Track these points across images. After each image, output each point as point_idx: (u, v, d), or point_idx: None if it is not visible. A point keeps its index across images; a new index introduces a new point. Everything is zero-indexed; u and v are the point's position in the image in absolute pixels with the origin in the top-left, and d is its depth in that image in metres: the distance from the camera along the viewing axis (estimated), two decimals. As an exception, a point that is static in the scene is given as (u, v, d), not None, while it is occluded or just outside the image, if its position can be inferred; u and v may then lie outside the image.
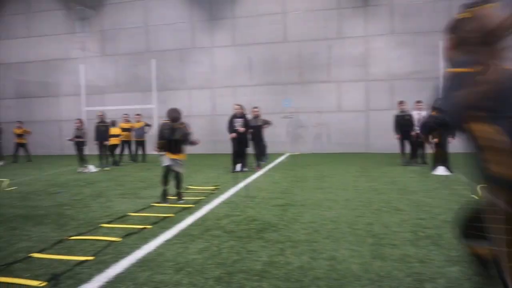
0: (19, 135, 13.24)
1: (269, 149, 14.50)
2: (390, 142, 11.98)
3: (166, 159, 5.41)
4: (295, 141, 15.09)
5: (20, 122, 13.66)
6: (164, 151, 5.42)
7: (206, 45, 15.83)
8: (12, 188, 7.00)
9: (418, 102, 9.79)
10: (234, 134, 8.76)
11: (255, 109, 9.27)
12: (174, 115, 5.28)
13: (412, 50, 13.92)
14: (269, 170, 9.13)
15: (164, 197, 5.34)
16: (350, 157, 11.74)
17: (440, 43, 13.45)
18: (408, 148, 9.79)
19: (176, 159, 5.40)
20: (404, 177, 7.33)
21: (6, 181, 7.40)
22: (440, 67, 13.53)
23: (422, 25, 13.80)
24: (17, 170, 10.63)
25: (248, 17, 15.30)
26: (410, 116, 9.55)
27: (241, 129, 8.71)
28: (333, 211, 4.53)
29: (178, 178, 5.45)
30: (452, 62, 1.73)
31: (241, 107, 8.95)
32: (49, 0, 17.56)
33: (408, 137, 9.60)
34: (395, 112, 10.13)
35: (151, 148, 16.12)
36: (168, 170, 5.43)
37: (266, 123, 9.39)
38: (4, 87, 18.31)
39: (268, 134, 14.13)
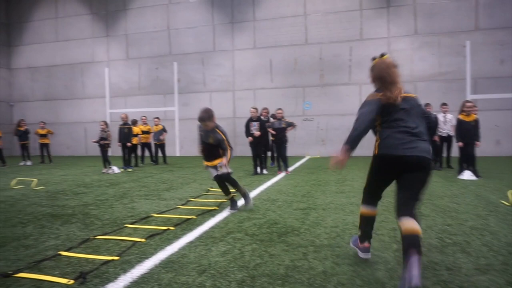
0: (43, 135, 13.62)
1: (289, 152, 14.48)
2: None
3: (209, 169, 4.91)
4: (315, 144, 14.99)
5: (43, 122, 14.04)
6: (203, 157, 4.92)
7: (227, 48, 15.95)
8: (40, 187, 7.24)
9: (444, 104, 9.56)
10: (250, 138, 8.77)
11: (279, 111, 9.17)
12: (200, 115, 4.64)
13: (436, 51, 13.62)
14: (290, 173, 9.09)
15: (232, 205, 4.88)
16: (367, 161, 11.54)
17: (467, 43, 13.12)
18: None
19: (213, 166, 4.82)
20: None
21: (34, 180, 7.66)
22: (467, 68, 13.18)
23: (446, 25, 13.49)
24: (43, 170, 10.98)
25: (269, 19, 15.34)
26: (435, 119, 9.30)
27: (257, 133, 8.70)
28: (356, 215, 4.46)
29: (228, 182, 4.88)
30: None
31: (257, 110, 8.98)
32: (75, 5, 18.12)
33: (432, 140, 9.37)
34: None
35: (173, 150, 16.35)
36: (219, 179, 4.86)
37: (290, 125, 9.26)
38: (33, 89, 19.00)
39: (288, 137, 14.12)
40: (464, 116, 7.73)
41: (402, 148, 2.58)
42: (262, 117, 9.27)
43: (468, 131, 7.64)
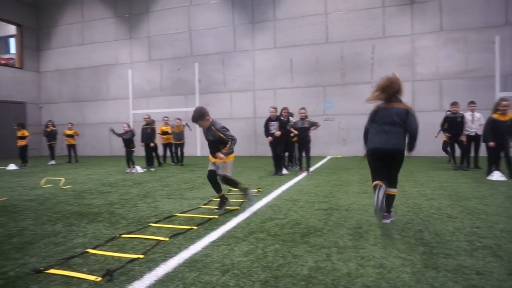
0: (69, 136, 14.01)
1: (311, 152, 14.35)
2: (437, 145, 11.45)
3: (211, 165, 4.98)
4: (336, 143, 14.82)
5: (71, 123, 14.44)
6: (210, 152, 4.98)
7: (248, 48, 15.99)
8: (67, 186, 7.47)
9: (472, 103, 9.25)
10: (270, 138, 8.70)
11: (302, 110, 9.03)
12: (192, 116, 4.80)
13: (462, 47, 13.20)
14: (311, 173, 9.02)
15: (220, 205, 4.92)
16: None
17: (497, 38, 12.65)
18: (458, 151, 9.27)
19: (215, 163, 4.90)
20: (455, 182, 6.94)
21: (62, 180, 7.91)
22: (496, 65, 12.72)
23: (473, 20, 13.05)
24: (70, 169, 11.32)
25: (289, 19, 15.27)
26: (462, 118, 9.02)
27: (278, 133, 8.63)
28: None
29: (228, 183, 4.96)
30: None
31: (276, 110, 8.88)
32: (100, 9, 18.59)
33: (458, 140, 9.09)
34: (447, 113, 9.65)
35: (194, 150, 16.49)
36: (211, 174, 4.94)
37: (314, 124, 9.09)
38: (60, 91, 19.63)
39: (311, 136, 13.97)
40: (499, 115, 7.40)
41: None
42: (282, 118, 9.19)
43: (502, 131, 7.33)
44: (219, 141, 4.82)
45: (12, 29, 19.42)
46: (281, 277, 2.63)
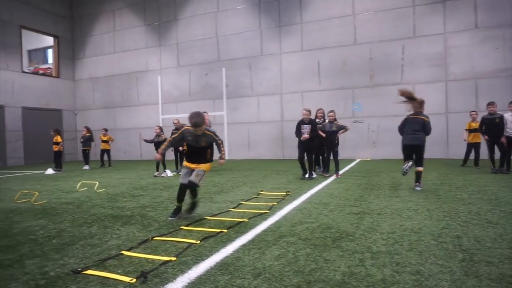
0: (104, 141, 14.50)
1: (340, 155, 14.16)
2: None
3: (184, 170, 4.76)
4: (366, 146, 14.52)
5: (105, 129, 14.95)
6: (188, 159, 4.76)
7: (275, 52, 16.01)
8: (101, 190, 7.72)
9: (512, 103, 8.83)
10: (306, 136, 8.19)
11: (330, 113, 8.87)
12: (195, 121, 4.40)
13: (500, 45, 12.64)
14: (341, 176, 8.87)
15: (174, 212, 4.81)
16: (427, 163, 10.93)
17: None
18: (497, 154, 8.85)
19: (192, 169, 4.68)
20: (494, 186, 6.62)
21: (96, 183, 8.19)
22: (536, 63, 12.08)
23: (510, 17, 12.47)
24: (103, 173, 11.71)
25: (316, 21, 15.18)
26: (501, 118, 8.61)
27: (305, 137, 8.24)
28: (415, 221, 4.24)
29: (192, 192, 4.83)
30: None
31: (310, 112, 8.48)
32: (130, 18, 19.21)
33: (497, 142, 8.68)
34: (484, 114, 9.26)
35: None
36: (183, 187, 4.74)
37: (342, 128, 8.89)
38: (94, 98, 20.39)
39: (339, 140, 13.78)
40: None
41: None
42: (317, 119, 9.02)
43: None
44: (209, 146, 4.68)
45: (49, 40, 20.41)
46: (314, 282, 2.59)
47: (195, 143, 4.60)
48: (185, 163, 4.76)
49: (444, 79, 13.35)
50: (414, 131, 6.48)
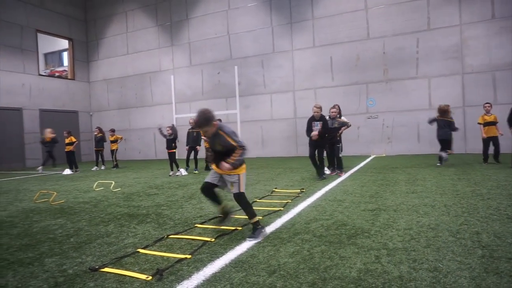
0: (112, 142, 14.44)
1: (353, 151, 14.02)
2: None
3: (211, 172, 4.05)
4: (380, 142, 14.34)
5: (112, 130, 14.76)
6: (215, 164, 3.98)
7: (287, 49, 15.94)
8: (117, 189, 7.83)
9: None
10: (316, 133, 7.76)
11: (333, 110, 8.58)
12: (196, 120, 3.72)
13: (518, 36, 12.27)
14: (355, 173, 8.79)
15: (220, 220, 4.13)
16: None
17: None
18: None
19: (223, 176, 3.93)
20: (515, 181, 6.44)
21: (112, 183, 8.32)
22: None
23: (530, 6, 12.10)
24: (119, 173, 11.88)
25: (328, 16, 15.03)
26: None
27: (314, 134, 7.77)
28: (431, 217, 4.16)
29: (241, 204, 3.86)
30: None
31: (321, 109, 8.07)
32: (143, 19, 19.39)
33: None
34: None
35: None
36: (206, 187, 4.00)
37: (344, 125, 8.63)
38: (108, 99, 20.70)
39: (351, 135, 13.68)
40: None
41: None
42: (330, 117, 8.68)
43: None
44: (229, 150, 3.80)
45: (64, 43, 20.78)
46: (329, 279, 2.57)
47: (212, 146, 3.95)
48: (213, 165, 4.02)
49: (461, 72, 13.06)
50: (443, 128, 9.40)
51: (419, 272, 2.64)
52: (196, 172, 10.94)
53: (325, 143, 8.27)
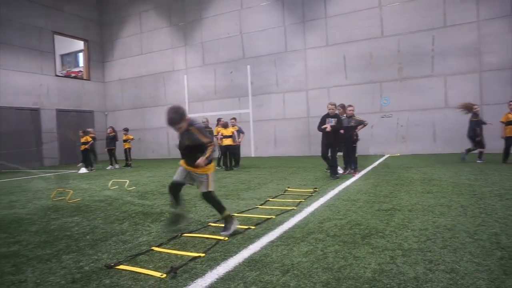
0: (124, 141, 14.63)
1: (368, 151, 13.89)
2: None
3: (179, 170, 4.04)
4: (395, 141, 14.15)
5: (126, 129, 14.97)
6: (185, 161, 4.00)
7: (299, 48, 15.87)
8: (132, 188, 7.93)
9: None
10: (329, 127, 7.63)
11: (350, 108, 8.53)
12: (169, 117, 3.69)
13: (539, 32, 11.94)
14: (369, 172, 8.70)
15: (170, 222, 4.09)
16: (459, 158, 10.52)
17: None
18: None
19: (194, 173, 3.91)
20: (535, 181, 6.28)
21: (127, 182, 8.42)
22: None
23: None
24: (134, 172, 12.02)
25: (341, 14, 14.91)
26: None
27: (328, 127, 7.66)
28: (448, 218, 4.09)
29: (210, 203, 3.99)
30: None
31: (336, 106, 8.04)
32: (156, 20, 19.58)
33: None
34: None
35: (248, 151, 16.68)
36: (174, 186, 4.04)
37: (361, 123, 8.53)
38: (123, 99, 20.98)
39: (365, 134, 13.53)
40: None
41: None
42: (347, 115, 8.63)
43: None
44: (198, 146, 3.78)
45: (80, 44, 21.15)
46: (343, 279, 2.55)
47: (181, 139, 3.94)
48: (182, 162, 4.04)
49: (478, 69, 12.78)
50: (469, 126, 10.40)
51: (436, 273, 2.59)
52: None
53: (338, 142, 8.19)
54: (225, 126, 11.43)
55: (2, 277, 2.93)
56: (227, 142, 11.28)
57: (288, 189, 6.67)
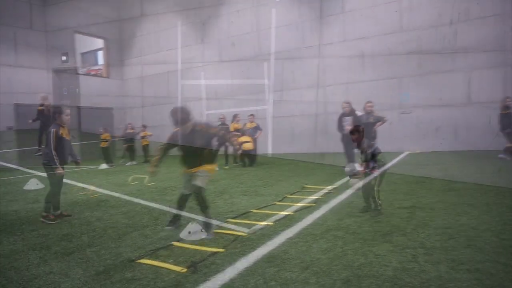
0: (142, 138, 14.99)
1: (386, 147, 13.60)
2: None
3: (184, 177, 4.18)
4: (415, 138, 13.87)
5: (144, 126, 15.41)
6: (185, 165, 4.16)
7: (316, 43, 15.71)
8: (151, 183, 8.04)
9: None
10: (349, 127, 7.61)
11: (369, 104, 8.39)
12: (177, 117, 3.87)
13: None
14: (389, 169, 8.54)
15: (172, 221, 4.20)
16: (482, 156, 10.23)
17: None
18: None
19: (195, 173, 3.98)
20: None
21: (146, 177, 8.55)
22: None
23: None
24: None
25: (359, 9, 14.66)
26: None
27: (348, 127, 7.73)
28: (471, 217, 3.99)
29: (198, 199, 4.01)
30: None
31: (350, 104, 8.06)
32: (173, 18, 19.74)
33: None
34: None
35: (265, 148, 16.67)
36: (183, 198, 4.28)
37: (380, 120, 8.42)
38: (142, 96, 21.28)
39: (384, 131, 13.26)
40: None
41: None
42: (366, 111, 8.51)
43: None
44: (206, 144, 3.80)
45: (99, 42, 21.54)
46: (364, 277, 2.53)
47: (187, 143, 3.93)
48: (183, 170, 4.10)
49: (503, 63, 12.36)
50: None
51: (460, 272, 2.54)
52: (227, 167, 11.04)
53: (362, 138, 8.11)
54: (243, 134, 11.53)
55: (30, 269, 3.02)
56: (248, 146, 11.28)
57: (306, 186, 6.64)
